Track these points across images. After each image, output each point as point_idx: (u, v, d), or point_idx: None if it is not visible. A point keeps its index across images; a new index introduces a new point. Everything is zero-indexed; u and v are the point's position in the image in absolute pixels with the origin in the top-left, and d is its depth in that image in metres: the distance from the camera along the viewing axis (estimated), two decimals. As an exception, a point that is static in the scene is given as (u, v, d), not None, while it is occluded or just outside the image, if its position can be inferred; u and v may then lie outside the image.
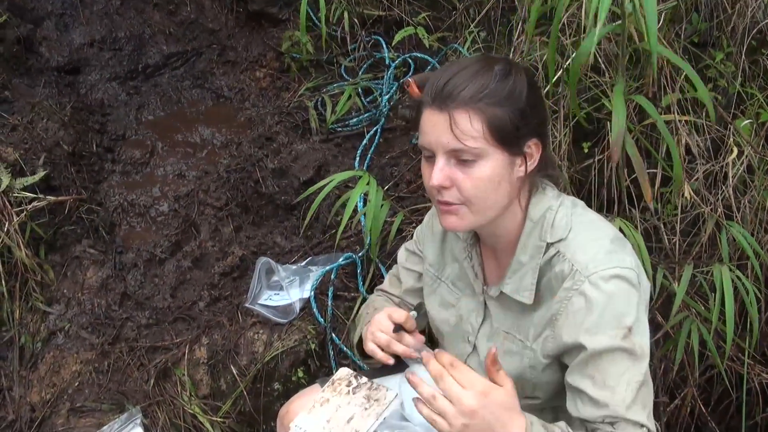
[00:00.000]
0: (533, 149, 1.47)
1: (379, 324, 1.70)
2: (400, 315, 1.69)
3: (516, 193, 1.50)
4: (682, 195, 2.30)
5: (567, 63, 2.44)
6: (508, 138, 1.41)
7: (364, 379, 1.73)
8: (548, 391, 1.61)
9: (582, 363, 1.46)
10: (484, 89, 1.39)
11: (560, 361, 1.54)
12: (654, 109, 1.98)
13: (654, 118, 1.97)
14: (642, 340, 1.45)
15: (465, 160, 1.41)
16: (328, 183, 2.53)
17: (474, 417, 1.29)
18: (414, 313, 1.73)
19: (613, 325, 1.42)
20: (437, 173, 1.43)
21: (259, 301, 2.72)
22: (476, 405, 1.29)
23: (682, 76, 2.30)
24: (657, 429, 1.55)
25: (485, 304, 1.66)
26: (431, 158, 1.46)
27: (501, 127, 1.40)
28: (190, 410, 2.57)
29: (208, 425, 2.56)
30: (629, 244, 1.54)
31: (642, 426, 1.45)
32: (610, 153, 1.94)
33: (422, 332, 1.81)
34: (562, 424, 1.44)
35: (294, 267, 2.79)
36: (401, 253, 1.97)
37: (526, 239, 1.52)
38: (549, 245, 1.50)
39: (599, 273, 1.42)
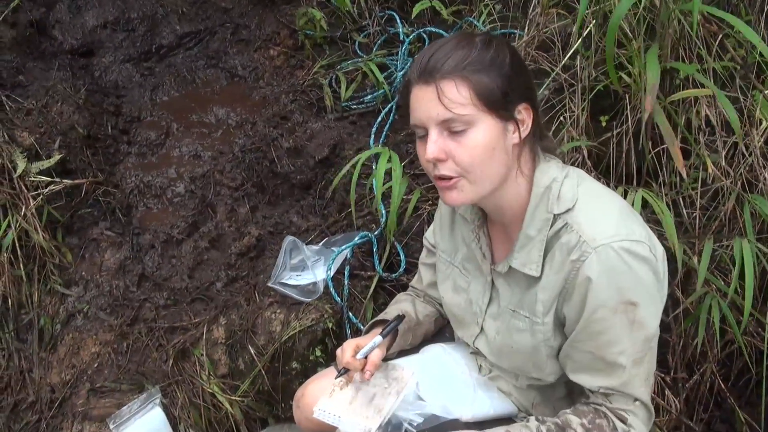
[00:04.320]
0: (524, 114, 1.47)
1: (346, 346, 1.74)
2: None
3: (514, 162, 1.49)
4: (704, 168, 2.26)
5: (585, 32, 2.40)
6: (496, 103, 1.41)
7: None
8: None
9: (583, 334, 1.47)
10: (466, 58, 1.40)
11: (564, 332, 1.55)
12: (697, 72, 1.94)
13: (707, 87, 1.94)
14: (646, 315, 1.44)
15: (457, 130, 1.41)
16: (352, 165, 2.52)
17: None
18: (379, 338, 1.74)
19: (617, 299, 1.41)
20: (431, 146, 1.43)
21: (283, 280, 2.71)
22: None
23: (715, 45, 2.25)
24: (652, 402, 1.57)
25: (492, 283, 1.65)
26: (424, 137, 1.46)
27: (488, 93, 1.40)
28: (208, 389, 2.59)
29: (227, 404, 2.58)
30: (638, 215, 1.53)
31: (636, 400, 1.50)
32: (645, 104, 1.91)
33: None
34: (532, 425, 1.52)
35: (317, 247, 2.78)
36: (423, 251, 1.99)
37: (533, 211, 1.51)
38: (556, 217, 1.49)
39: (607, 244, 1.40)
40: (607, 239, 1.40)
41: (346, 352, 1.71)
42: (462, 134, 1.41)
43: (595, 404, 1.53)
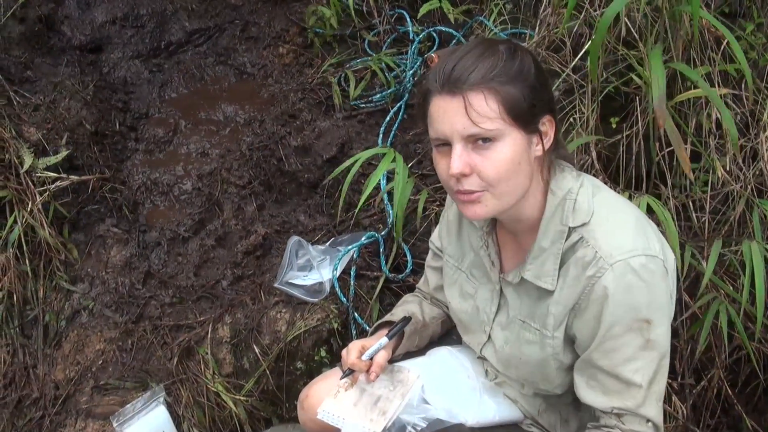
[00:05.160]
0: (548, 126, 1.44)
1: (351, 347, 1.72)
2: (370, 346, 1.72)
3: (536, 174, 1.46)
4: (713, 172, 2.23)
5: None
6: (523, 116, 1.37)
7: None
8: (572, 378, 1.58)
9: (598, 352, 1.44)
10: (494, 68, 1.35)
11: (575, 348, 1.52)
12: (695, 73, 1.93)
13: (701, 88, 1.92)
14: (660, 333, 1.42)
15: (483, 143, 1.36)
16: (353, 162, 2.50)
17: None
18: (385, 339, 1.72)
19: (632, 316, 1.39)
20: (456, 161, 1.37)
21: (289, 281, 2.70)
22: None
23: (724, 47, 2.23)
24: (666, 415, 1.57)
25: (501, 292, 1.63)
26: (445, 147, 1.41)
27: (516, 105, 1.35)
28: (213, 388, 2.58)
29: (231, 403, 2.57)
30: (653, 225, 1.51)
31: (648, 421, 1.47)
32: (656, 118, 1.90)
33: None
34: None
35: (323, 247, 2.77)
36: (429, 254, 1.96)
37: (547, 223, 1.48)
38: (571, 230, 1.45)
39: (623, 261, 1.38)
40: (624, 255, 1.38)
41: (351, 353, 1.70)
42: (488, 148, 1.36)
43: (607, 427, 1.48)
